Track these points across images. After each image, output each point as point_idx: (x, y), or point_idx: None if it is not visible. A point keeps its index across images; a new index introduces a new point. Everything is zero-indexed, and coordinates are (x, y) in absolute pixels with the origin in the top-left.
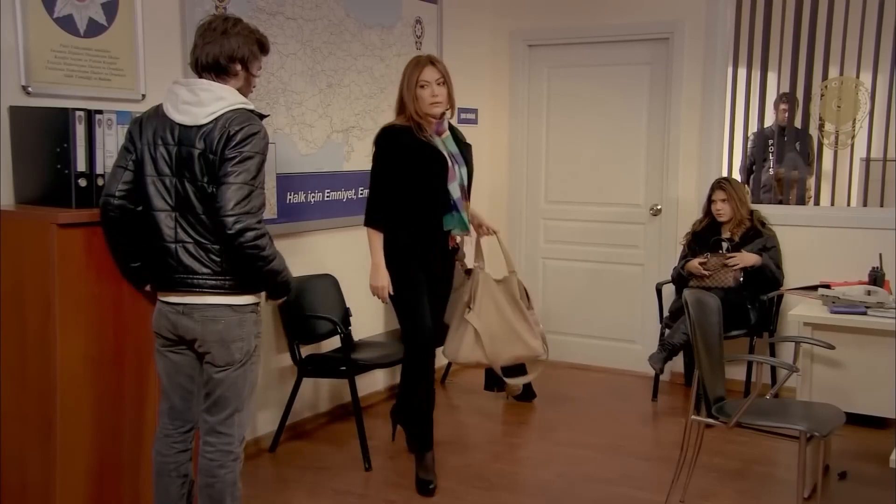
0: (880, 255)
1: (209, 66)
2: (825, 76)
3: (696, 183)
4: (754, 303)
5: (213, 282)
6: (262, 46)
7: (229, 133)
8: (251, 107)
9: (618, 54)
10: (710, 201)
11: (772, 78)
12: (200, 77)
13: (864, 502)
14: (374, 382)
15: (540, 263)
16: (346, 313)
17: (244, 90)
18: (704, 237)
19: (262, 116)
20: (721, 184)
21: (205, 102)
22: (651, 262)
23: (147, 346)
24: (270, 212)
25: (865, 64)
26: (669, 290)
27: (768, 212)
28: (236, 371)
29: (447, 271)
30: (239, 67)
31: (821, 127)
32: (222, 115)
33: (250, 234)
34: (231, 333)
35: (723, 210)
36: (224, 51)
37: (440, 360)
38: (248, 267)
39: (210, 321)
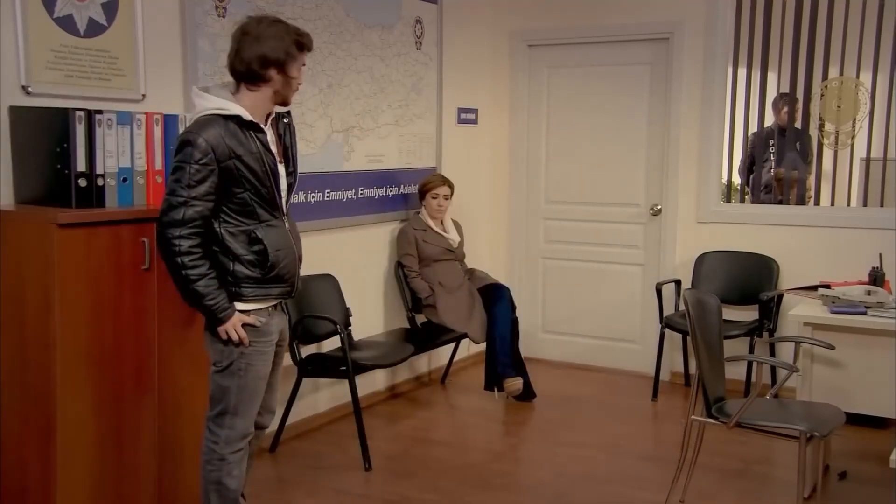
0: (880, 255)
1: (244, 73)
2: (825, 76)
3: (695, 183)
4: None
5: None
6: (301, 45)
7: (177, 141)
8: (227, 112)
9: (618, 54)
10: None
11: (772, 78)
12: (237, 84)
13: (864, 502)
14: (374, 382)
15: (540, 263)
16: (346, 313)
17: (285, 92)
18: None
19: (250, 122)
20: None
21: (190, 111)
22: (651, 262)
23: (147, 346)
24: None
25: (865, 64)
26: (669, 290)
27: (768, 212)
28: (219, 373)
29: None
30: (274, 72)
31: (821, 127)
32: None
33: (165, 248)
34: (206, 336)
35: None
36: (258, 56)
37: (440, 360)
38: (172, 279)
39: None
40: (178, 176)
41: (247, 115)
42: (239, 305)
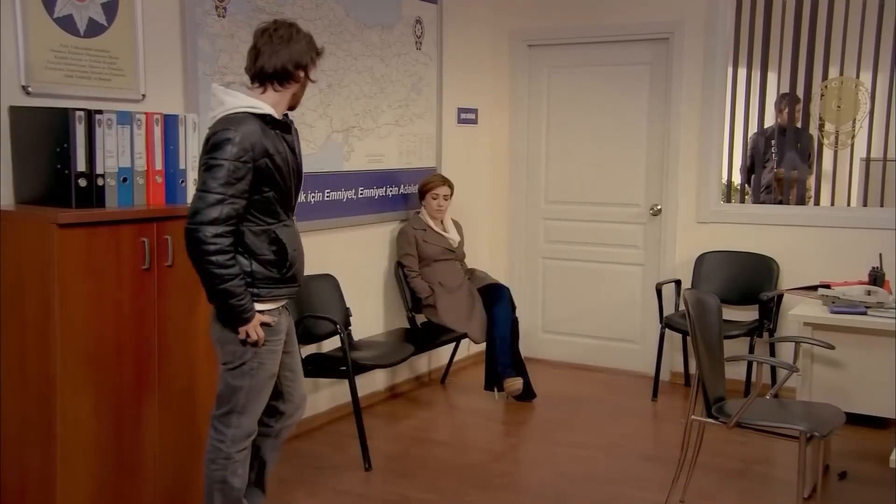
0: (880, 255)
1: (274, 73)
2: (825, 76)
3: (695, 183)
4: None
5: None
6: (318, 51)
7: (206, 139)
8: (259, 111)
9: (618, 54)
10: None
11: (772, 78)
12: (262, 85)
13: (864, 502)
14: (374, 382)
15: (540, 263)
16: (347, 313)
17: (299, 94)
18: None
19: (278, 122)
20: None
21: (213, 108)
22: (651, 262)
23: (147, 346)
24: None
25: (865, 64)
26: (669, 290)
27: (768, 212)
28: (229, 372)
29: None
30: (302, 74)
31: (821, 127)
32: (216, 120)
33: (199, 246)
34: (216, 335)
35: None
36: (292, 58)
37: (440, 360)
38: (201, 277)
39: (211, 322)
40: (214, 173)
41: (277, 114)
42: (256, 305)
